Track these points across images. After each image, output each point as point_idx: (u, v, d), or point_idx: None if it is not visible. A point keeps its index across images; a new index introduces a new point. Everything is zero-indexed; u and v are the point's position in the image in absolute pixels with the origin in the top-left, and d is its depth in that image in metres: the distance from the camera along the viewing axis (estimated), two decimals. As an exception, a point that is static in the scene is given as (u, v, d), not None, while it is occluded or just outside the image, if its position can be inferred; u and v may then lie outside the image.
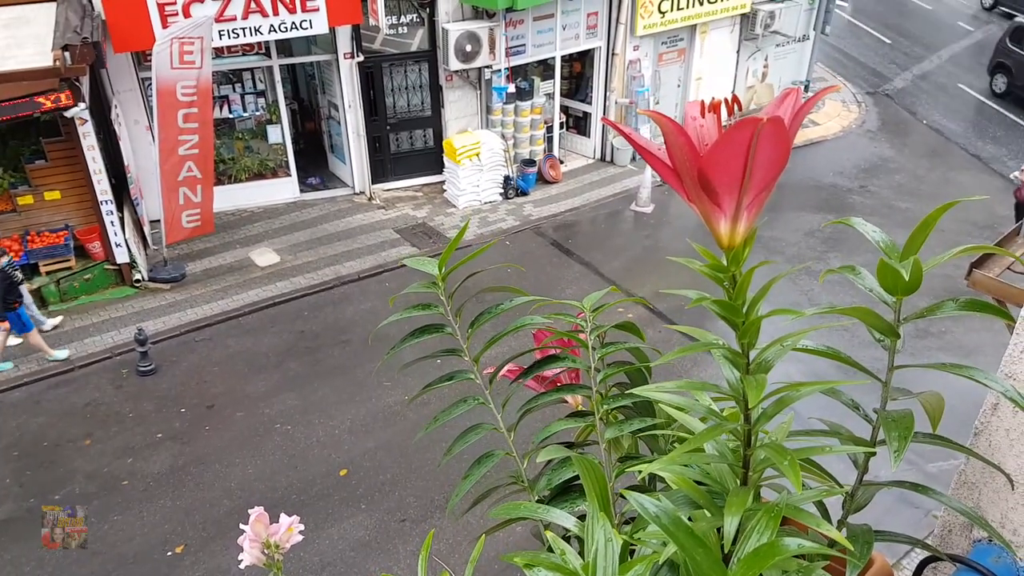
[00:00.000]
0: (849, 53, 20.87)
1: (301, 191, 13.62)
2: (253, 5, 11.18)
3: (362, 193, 13.72)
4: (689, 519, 1.23)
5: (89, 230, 10.74)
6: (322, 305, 11.01)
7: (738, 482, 1.24)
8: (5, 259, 9.01)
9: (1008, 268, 4.24)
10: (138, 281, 11.03)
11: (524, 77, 13.98)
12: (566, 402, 1.88)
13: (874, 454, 1.33)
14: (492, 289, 1.84)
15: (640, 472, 1.43)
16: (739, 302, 1.16)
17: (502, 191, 13.70)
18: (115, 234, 10.51)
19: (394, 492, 7.93)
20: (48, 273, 10.57)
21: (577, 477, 1.48)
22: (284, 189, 13.47)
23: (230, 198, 12.85)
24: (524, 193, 13.87)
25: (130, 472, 8.16)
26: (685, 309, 10.15)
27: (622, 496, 1.28)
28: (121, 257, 10.74)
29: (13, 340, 9.56)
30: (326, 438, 8.65)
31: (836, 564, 1.31)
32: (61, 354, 9.69)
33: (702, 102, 1.15)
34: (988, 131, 16.89)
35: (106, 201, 10.24)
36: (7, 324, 9.12)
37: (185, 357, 9.94)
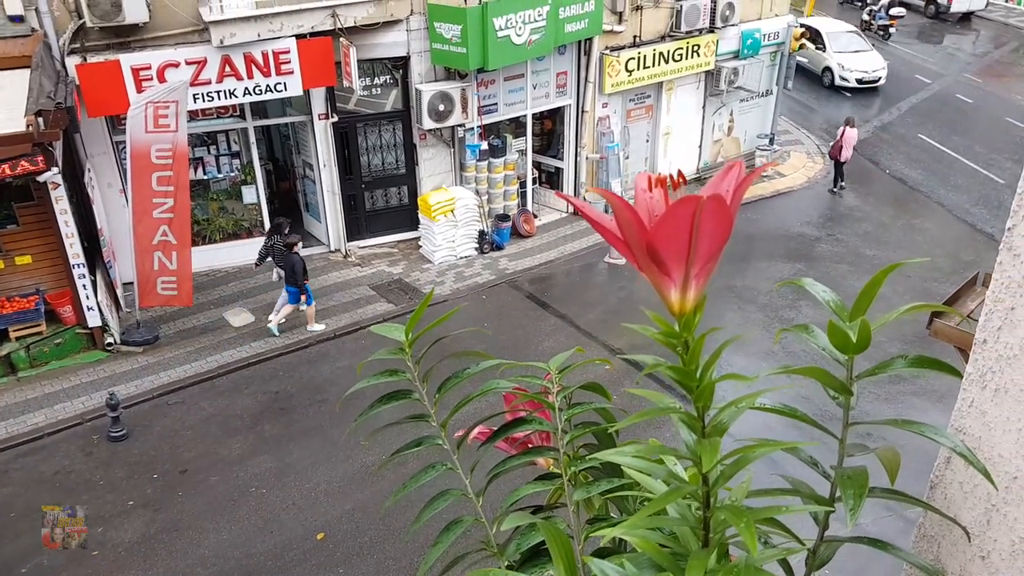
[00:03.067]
0: (811, 107, 21.56)
1: (277, 250, 13.61)
2: (228, 69, 11.35)
3: (337, 251, 13.76)
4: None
5: (60, 294, 10.63)
6: (297, 364, 10.91)
7: (700, 544, 1.26)
8: (301, 243, 10.84)
9: (968, 316, 4.35)
10: (110, 344, 10.87)
11: (496, 135, 14.26)
12: (536, 464, 1.88)
13: (833, 511, 1.35)
14: (459, 355, 1.86)
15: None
16: (692, 367, 1.20)
17: (477, 246, 13.82)
18: (87, 297, 10.40)
19: (373, 555, 7.76)
20: (18, 338, 10.39)
21: (546, 541, 1.48)
22: (259, 249, 13.43)
23: (205, 259, 12.80)
24: (499, 247, 13.99)
25: (100, 542, 7.91)
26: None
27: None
28: (93, 320, 10.61)
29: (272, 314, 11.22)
30: (302, 501, 8.48)
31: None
32: (319, 327, 11.37)
33: (649, 175, 1.20)
34: (949, 179, 17.42)
35: (78, 264, 10.15)
36: (305, 296, 11.00)
37: (158, 421, 9.75)
